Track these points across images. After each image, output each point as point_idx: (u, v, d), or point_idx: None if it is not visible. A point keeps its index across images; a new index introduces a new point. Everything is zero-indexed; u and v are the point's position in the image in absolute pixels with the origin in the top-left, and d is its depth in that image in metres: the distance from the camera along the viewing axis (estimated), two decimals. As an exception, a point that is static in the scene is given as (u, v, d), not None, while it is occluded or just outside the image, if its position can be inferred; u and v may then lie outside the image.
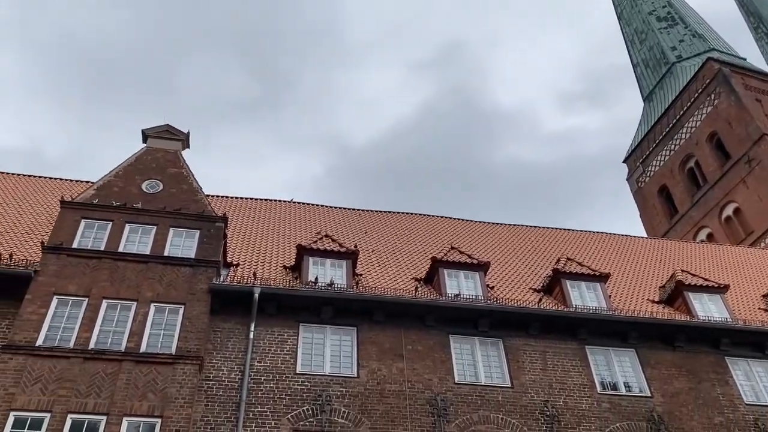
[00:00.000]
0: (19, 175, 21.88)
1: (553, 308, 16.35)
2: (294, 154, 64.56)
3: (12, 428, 11.28)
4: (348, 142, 66.32)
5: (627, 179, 49.11)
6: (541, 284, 18.02)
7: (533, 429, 13.79)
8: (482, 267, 17.13)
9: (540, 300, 16.67)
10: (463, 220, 25.07)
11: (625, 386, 15.27)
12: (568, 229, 25.76)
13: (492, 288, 17.29)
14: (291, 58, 65.41)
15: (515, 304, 16.05)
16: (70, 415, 11.57)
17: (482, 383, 14.47)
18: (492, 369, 14.88)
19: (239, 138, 64.54)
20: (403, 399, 13.72)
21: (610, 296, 17.61)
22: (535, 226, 25.37)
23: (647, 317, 16.48)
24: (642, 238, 26.29)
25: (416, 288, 16.12)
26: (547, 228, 25.40)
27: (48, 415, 11.50)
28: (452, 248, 18.01)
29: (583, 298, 16.96)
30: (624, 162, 49.55)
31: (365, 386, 13.75)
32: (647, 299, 18.41)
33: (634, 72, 52.90)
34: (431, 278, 16.95)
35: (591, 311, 16.24)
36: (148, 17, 63.08)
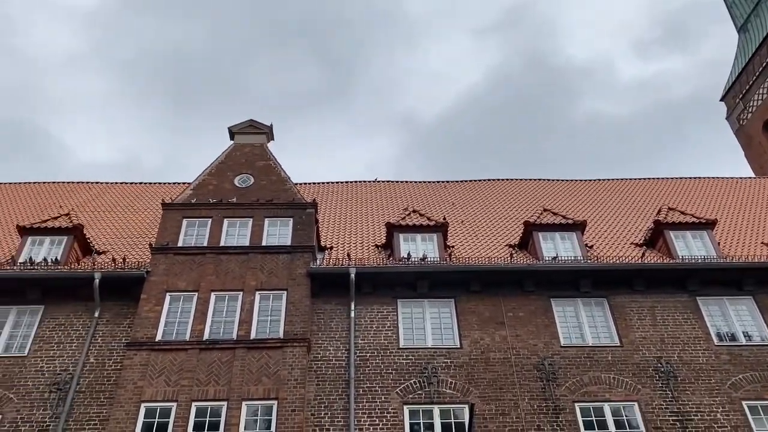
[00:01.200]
0: (122, 183, 23.32)
1: (659, 261, 15.66)
2: (368, 138, 65.17)
3: (144, 418, 12.12)
4: (420, 118, 66.10)
5: (726, 118, 45.89)
6: (643, 238, 17.28)
7: (648, 386, 13.34)
8: (578, 226, 16.62)
9: (643, 254, 15.99)
10: (552, 180, 24.38)
11: (745, 336, 14.44)
12: (666, 178, 24.46)
13: (591, 247, 16.76)
14: (356, 45, 65.75)
15: (617, 261, 15.48)
16: (194, 403, 12.29)
17: (589, 344, 14.11)
18: (598, 329, 14.48)
19: (315, 128, 65.75)
20: (509, 366, 13.63)
21: (719, 243, 16.64)
22: (629, 179, 24.28)
23: (763, 262, 15.46)
24: (749, 178, 24.56)
25: (511, 254, 15.88)
26: (643, 179, 24.23)
27: (174, 404, 12.28)
28: (545, 210, 17.59)
29: (690, 247, 16.12)
30: (721, 100, 46.27)
31: (469, 356, 13.76)
32: (762, 242, 17.25)
33: (725, 2, 49.09)
34: (526, 243, 16.64)
35: (699, 261, 15.42)
36: (217, 23, 65.13)
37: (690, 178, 24.40)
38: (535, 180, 24.33)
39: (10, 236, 17.29)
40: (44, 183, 23.15)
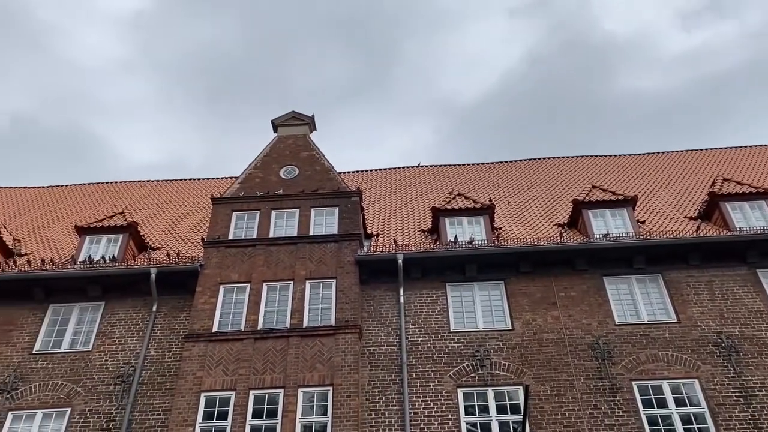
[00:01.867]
0: (171, 181, 23.91)
1: (715, 234, 15.18)
2: (407, 125, 65.03)
3: (204, 407, 12.48)
4: (458, 102, 65.52)
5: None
6: (697, 211, 16.78)
7: (708, 363, 13.00)
8: (629, 202, 16.24)
9: (698, 228, 15.53)
10: (599, 156, 23.86)
11: (811, 308, 13.88)
12: (718, 148, 23.59)
13: (643, 222, 16.37)
14: (391, 32, 65.40)
15: (671, 236, 15.07)
16: (251, 391, 12.59)
17: (645, 321, 13.82)
18: (654, 306, 14.16)
19: (353, 119, 65.90)
20: (563, 346, 13.48)
21: (780, 213, 16.00)
22: (679, 151, 23.54)
23: (828, 230, 14.81)
24: (808, 144, 23.47)
25: (560, 234, 15.64)
26: (693, 150, 23.44)
27: (233, 393, 12.60)
28: (594, 187, 17.24)
29: (748, 218, 15.57)
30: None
31: (522, 337, 13.66)
32: (825, 211, 16.49)
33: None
34: (575, 221, 16.36)
35: (759, 232, 14.88)
36: (253, 21, 65.86)
37: (743, 147, 23.48)
38: (581, 157, 23.86)
39: (69, 236, 17.97)
40: (97, 183, 23.94)
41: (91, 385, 13.44)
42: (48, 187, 23.81)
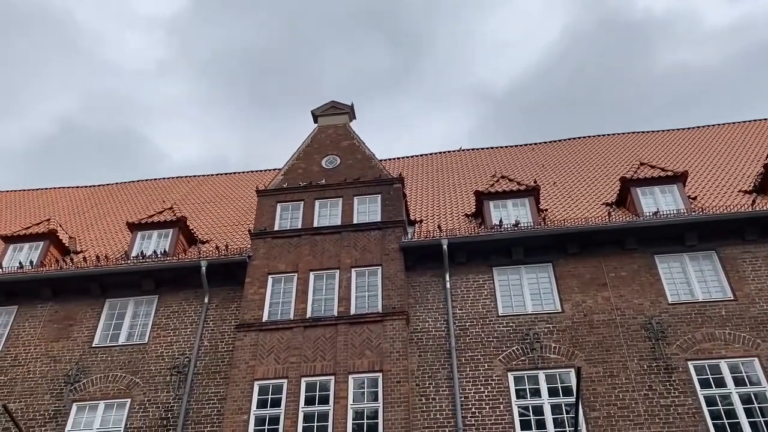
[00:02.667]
0: (217, 175, 24.36)
1: (772, 208, 14.61)
2: (443, 112, 64.69)
3: (258, 395, 12.74)
4: (496, 86, 64.71)
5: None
6: (752, 184, 16.17)
7: (769, 341, 12.57)
8: (679, 178, 15.78)
9: (753, 202, 14.97)
10: (646, 132, 23.20)
11: None
12: (771, 119, 22.64)
13: (694, 198, 15.88)
14: (424, 20, 64.74)
15: (725, 211, 14.58)
16: (303, 379, 12.79)
17: (700, 299, 13.45)
18: (708, 283, 13.75)
19: (391, 107, 65.75)
20: (615, 327, 13.24)
21: (841, 183, 15.30)
22: (728, 123, 22.67)
23: None
24: None
25: (609, 213, 15.32)
26: (743, 122, 22.53)
27: (285, 381, 12.82)
28: (642, 164, 16.81)
29: (807, 191, 14.93)
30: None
31: (572, 319, 13.47)
32: None
33: None
34: (623, 200, 15.99)
35: (820, 204, 14.27)
36: (286, 16, 66.33)
37: (802, 115, 22.46)
38: (627, 134, 23.26)
39: (121, 233, 18.51)
40: (145, 181, 24.56)
41: (149, 376, 13.87)
42: (98, 186, 24.57)
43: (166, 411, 13.27)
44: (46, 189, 24.60)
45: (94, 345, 14.59)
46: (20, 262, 16.33)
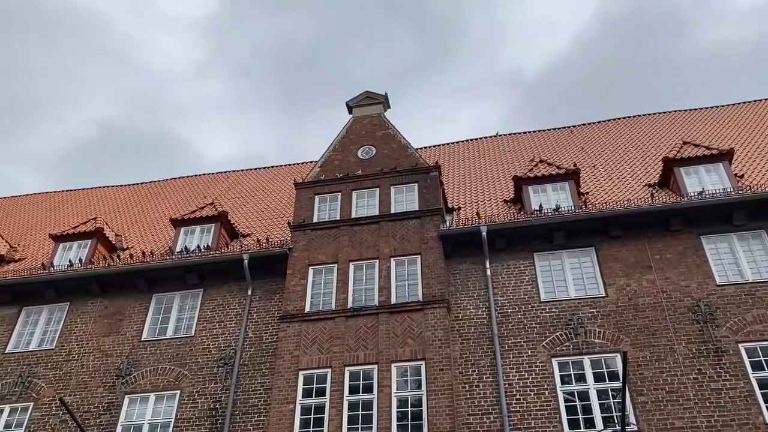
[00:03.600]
0: (255, 169, 24.66)
1: (825, 184, 14.09)
2: (478, 100, 64.22)
3: (303, 385, 12.92)
4: (527, 72, 63.82)
5: None
6: (803, 160, 15.59)
7: (825, 321, 12.15)
8: (725, 156, 15.31)
9: (805, 178, 14.46)
10: (688, 110, 22.55)
11: None
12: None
13: (741, 177, 15.40)
14: (455, 8, 64.08)
15: (774, 189, 14.10)
16: (347, 368, 12.91)
17: (749, 280, 13.07)
18: (759, 263, 13.34)
19: (424, 97, 65.40)
20: (661, 310, 12.98)
21: None
22: (775, 97, 21.86)
23: None
24: None
25: (651, 194, 14.98)
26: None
27: (329, 370, 12.97)
28: (685, 143, 16.35)
29: None
30: None
31: (616, 304, 13.26)
32: None
33: None
34: (666, 181, 15.61)
35: None
36: (318, 10, 66.44)
37: None
38: (668, 113, 22.64)
39: (165, 229, 18.92)
40: (186, 177, 25.02)
41: (197, 368, 14.19)
42: (140, 184, 25.13)
43: (215, 402, 13.57)
44: (91, 189, 25.29)
45: (143, 339, 14.99)
46: (70, 261, 16.86)
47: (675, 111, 22.61)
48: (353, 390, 12.59)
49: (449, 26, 67.41)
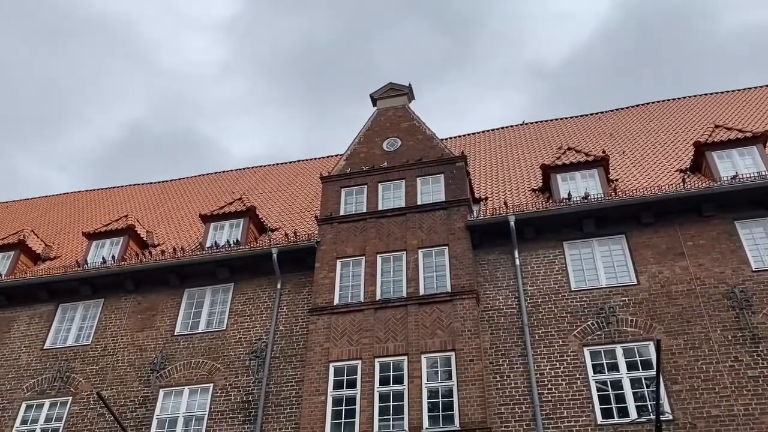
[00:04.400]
0: (281, 164, 24.82)
1: None
2: (500, 93, 63.75)
3: (334, 377, 13.00)
4: (551, 61, 63.05)
5: None
6: (841, 141, 15.14)
7: None
8: (759, 139, 14.95)
9: (843, 159, 14.03)
10: (719, 93, 22.04)
11: None
12: None
13: (776, 159, 15.01)
14: (473, 2, 63.52)
15: (811, 171, 13.73)
16: (377, 359, 12.96)
17: (787, 266, 12.78)
18: (797, 248, 13.04)
19: (446, 91, 65.11)
20: (695, 297, 12.75)
21: None
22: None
23: None
24: None
25: (683, 180, 14.69)
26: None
27: (359, 362, 13.03)
28: (716, 126, 15.99)
29: None
30: None
31: (649, 291, 13.06)
32: None
33: None
34: (698, 165, 15.30)
35: None
36: (340, 7, 66.48)
37: None
38: (698, 96, 22.17)
39: (194, 225, 19.16)
40: (214, 174, 25.28)
41: (229, 361, 14.37)
42: (169, 181, 25.47)
43: (247, 394, 13.73)
44: (121, 187, 25.72)
45: (176, 333, 15.23)
46: (103, 258, 17.18)
47: (705, 94, 22.13)
48: (384, 381, 12.64)
49: (470, 19, 66.91)
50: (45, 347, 15.88)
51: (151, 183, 25.64)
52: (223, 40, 69.33)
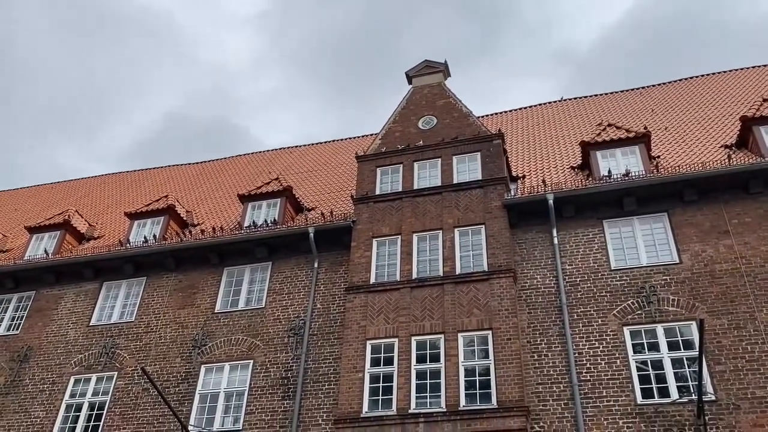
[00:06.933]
0: (317, 144, 24.90)
1: None
2: (531, 80, 62.76)
3: (371, 354, 13.11)
4: (580, 47, 61.62)
5: None
6: None
7: None
8: (810, 112, 14.37)
9: None
10: (766, 65, 21.18)
11: None
12: None
13: (828, 134, 14.42)
14: None
15: None
16: (413, 338, 13.01)
17: (839, 244, 12.33)
18: None
19: (475, 79, 64.32)
20: (740, 277, 12.42)
21: None
22: None
23: None
24: None
25: (729, 156, 14.24)
26: None
27: (396, 339, 13.10)
28: (765, 100, 15.42)
29: None
30: None
31: (691, 270, 12.78)
32: None
33: None
34: (744, 141, 14.81)
35: None
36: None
37: None
38: (743, 69, 21.34)
39: (232, 204, 19.42)
40: (251, 154, 25.52)
41: (268, 338, 14.62)
42: (207, 161, 25.82)
43: (286, 371, 13.97)
44: (161, 168, 26.19)
45: (216, 311, 15.53)
46: (145, 237, 17.57)
47: (753, 67, 21.31)
48: (420, 359, 12.69)
49: (499, 5, 65.70)
50: (91, 324, 16.40)
51: (189, 164, 26.03)
52: (256, 33, 69.91)
